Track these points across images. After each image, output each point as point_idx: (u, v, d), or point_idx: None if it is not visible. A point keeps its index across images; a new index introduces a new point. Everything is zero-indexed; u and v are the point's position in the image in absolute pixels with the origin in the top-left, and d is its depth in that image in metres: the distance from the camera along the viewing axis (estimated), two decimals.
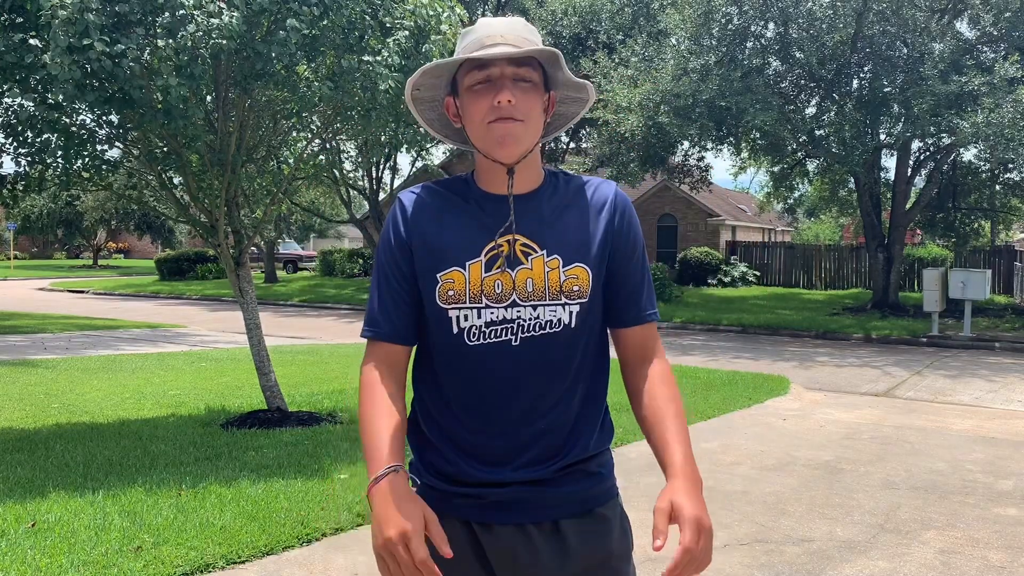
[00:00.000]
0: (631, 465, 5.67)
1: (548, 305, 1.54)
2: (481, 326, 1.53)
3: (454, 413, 1.57)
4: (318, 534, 4.22)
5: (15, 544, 3.89)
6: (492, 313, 1.53)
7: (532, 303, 1.53)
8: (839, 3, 15.77)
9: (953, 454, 6.39)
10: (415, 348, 1.64)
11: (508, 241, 1.55)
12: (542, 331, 1.54)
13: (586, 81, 1.60)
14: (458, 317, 1.53)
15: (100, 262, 45.19)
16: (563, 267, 1.55)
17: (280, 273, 34.90)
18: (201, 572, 3.72)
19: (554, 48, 1.53)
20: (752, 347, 14.01)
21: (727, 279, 26.89)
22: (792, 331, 16.05)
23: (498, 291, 1.53)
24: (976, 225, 23.09)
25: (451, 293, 1.53)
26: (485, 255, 1.54)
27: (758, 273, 28.13)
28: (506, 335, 1.53)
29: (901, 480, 5.62)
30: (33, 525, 4.15)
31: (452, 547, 1.46)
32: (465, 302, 1.53)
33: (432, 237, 1.56)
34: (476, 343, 1.53)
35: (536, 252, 1.55)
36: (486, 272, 1.53)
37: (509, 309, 1.53)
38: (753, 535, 4.47)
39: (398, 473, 1.46)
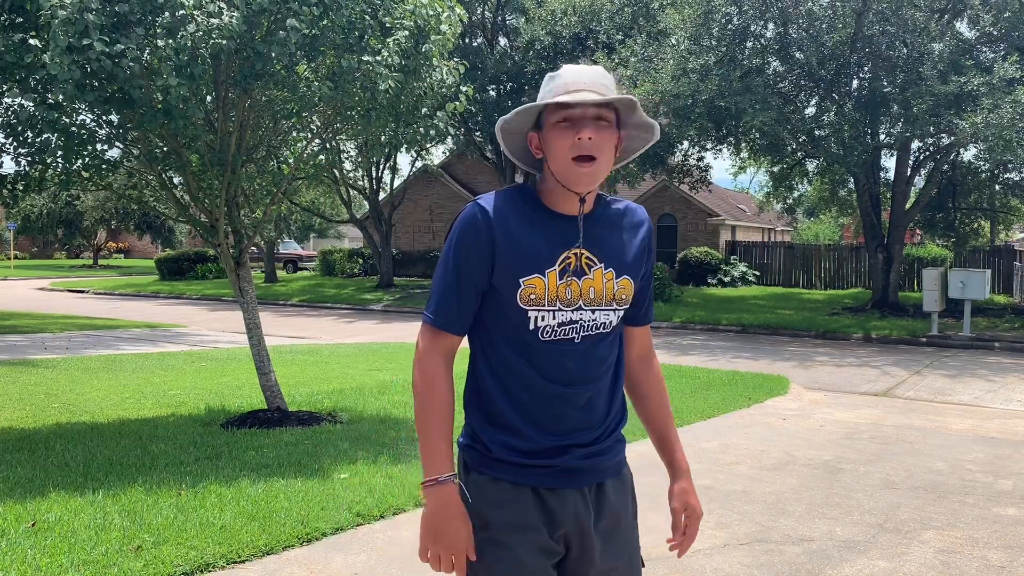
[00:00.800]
0: (631, 464, 5.67)
1: (604, 310, 1.84)
2: (554, 326, 1.81)
3: (523, 397, 1.82)
4: (318, 534, 4.22)
5: (15, 544, 3.89)
6: (563, 315, 1.81)
7: (592, 308, 1.83)
8: (839, 3, 15.78)
9: (953, 454, 6.40)
10: (480, 334, 1.88)
11: (575, 254, 1.82)
12: (597, 331, 1.84)
13: (655, 123, 1.87)
14: (536, 317, 1.80)
15: (100, 262, 45.18)
16: (616, 278, 1.85)
17: (280, 273, 34.89)
18: (201, 572, 3.73)
19: (630, 96, 1.80)
20: (752, 347, 14.01)
21: (727, 279, 26.89)
22: (792, 331, 16.05)
23: (568, 296, 1.81)
24: (976, 225, 23.10)
25: (532, 297, 1.79)
26: (559, 264, 1.80)
27: (758, 273, 28.13)
28: (571, 334, 1.82)
29: (901, 480, 5.63)
30: (33, 525, 4.15)
31: (523, 511, 1.79)
32: (543, 305, 1.80)
33: (516, 244, 1.80)
34: (548, 339, 1.81)
35: (597, 264, 1.83)
36: (560, 279, 1.80)
37: (575, 312, 1.82)
38: (753, 535, 4.47)
39: (455, 484, 1.78)
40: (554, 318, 1.80)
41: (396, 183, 30.51)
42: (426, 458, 1.79)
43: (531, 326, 1.80)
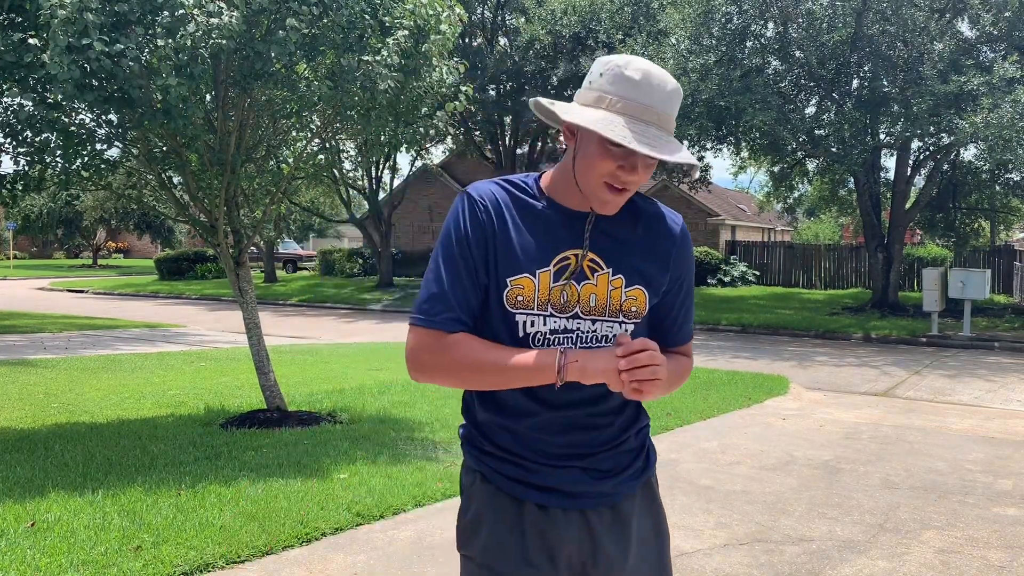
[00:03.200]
0: None
1: (606, 321, 1.62)
2: (546, 333, 1.60)
3: (514, 417, 1.64)
4: (318, 534, 4.21)
5: (14, 544, 3.88)
6: (556, 322, 1.60)
7: (592, 317, 1.61)
8: (839, 3, 15.78)
9: (953, 454, 6.39)
10: None
11: (576, 255, 1.61)
12: (598, 344, 1.61)
13: (697, 163, 1.63)
14: (524, 322, 1.60)
15: (100, 262, 45.17)
16: (625, 287, 1.62)
17: (280, 273, 34.88)
18: (201, 572, 3.72)
19: (698, 163, 1.60)
20: (752, 347, 14.01)
21: (727, 279, 26.89)
22: (792, 331, 16.05)
23: (563, 302, 1.60)
24: (976, 225, 23.09)
25: (520, 298, 1.59)
26: (554, 266, 1.60)
27: (758, 273, 28.13)
28: (567, 343, 1.60)
29: (901, 480, 5.63)
30: (32, 525, 4.15)
31: (516, 533, 1.62)
32: (532, 308, 1.59)
33: (504, 240, 1.60)
34: (540, 348, 1.59)
35: (602, 269, 1.62)
36: (554, 282, 1.59)
37: (571, 320, 1.60)
38: (753, 535, 4.47)
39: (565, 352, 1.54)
40: (545, 324, 1.59)
41: (396, 183, 30.51)
42: (529, 365, 1.53)
43: (520, 332, 1.59)
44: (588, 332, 1.61)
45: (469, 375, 1.60)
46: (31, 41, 5.39)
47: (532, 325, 1.59)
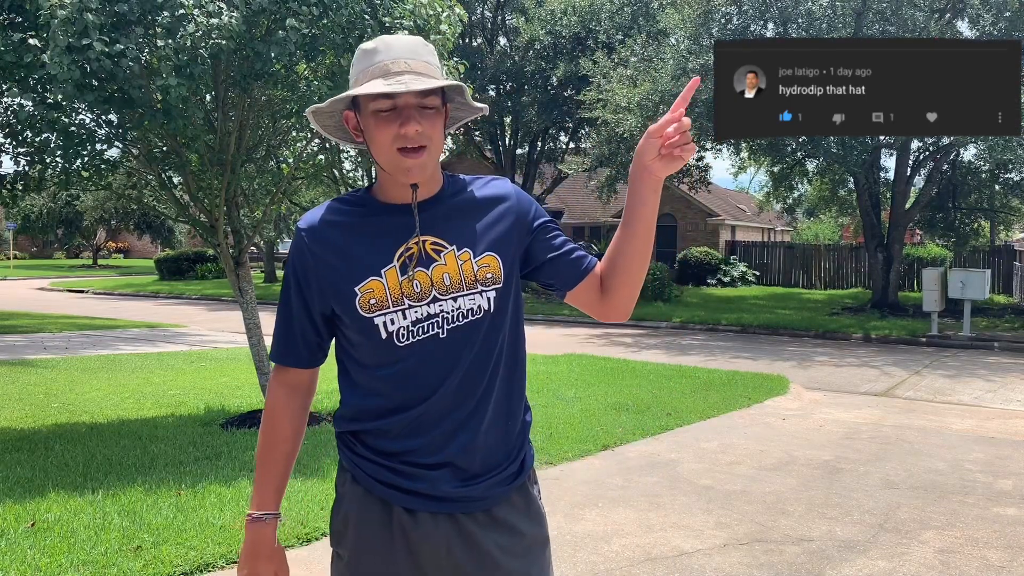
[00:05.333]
0: (631, 464, 5.67)
1: (466, 295, 1.63)
2: (408, 326, 1.61)
3: (389, 414, 1.64)
4: (318, 534, 4.21)
5: (15, 544, 3.88)
6: (416, 312, 1.61)
7: (452, 295, 1.62)
8: (839, 3, 15.78)
9: (953, 454, 6.39)
10: (341, 357, 1.72)
11: (417, 243, 1.63)
12: (466, 320, 1.63)
13: (483, 106, 1.68)
14: (384, 322, 1.61)
15: (100, 262, 45.16)
16: (475, 258, 1.64)
17: (280, 273, 34.86)
18: (201, 572, 3.72)
19: (459, 82, 1.62)
20: (751, 347, 14.01)
21: (726, 279, 26.88)
22: (791, 331, 16.04)
23: (418, 290, 1.61)
24: (976, 225, 23.07)
25: (373, 302, 1.61)
26: (398, 259, 1.62)
27: (757, 273, 28.13)
28: (433, 329, 1.61)
29: (901, 480, 5.63)
30: (32, 525, 4.15)
31: (381, 538, 1.64)
32: (388, 307, 1.61)
33: (341, 255, 1.63)
34: (407, 343, 1.61)
35: (447, 248, 1.64)
36: (402, 275, 1.61)
37: (431, 305, 1.61)
38: (753, 535, 4.47)
39: (271, 523, 1.70)
40: (405, 318, 1.60)
41: None
42: (253, 491, 1.72)
43: (382, 334, 1.60)
44: (452, 311, 1.62)
45: (261, 429, 1.76)
46: (31, 41, 5.40)
47: (392, 323, 1.61)
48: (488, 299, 1.64)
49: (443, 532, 1.63)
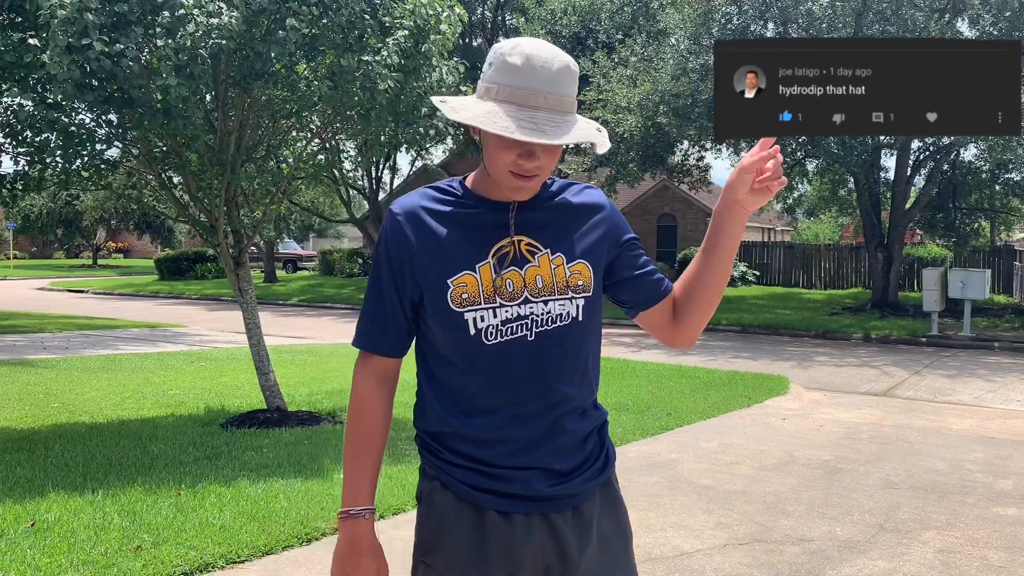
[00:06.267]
0: (631, 464, 5.67)
1: (558, 300, 1.62)
2: (498, 324, 1.60)
3: (477, 414, 1.62)
4: (318, 534, 4.21)
5: (14, 544, 3.88)
6: (507, 311, 1.60)
7: (544, 298, 1.61)
8: (839, 3, 15.78)
9: (953, 454, 6.39)
10: (423, 348, 1.70)
11: (514, 242, 1.62)
12: (554, 324, 1.62)
13: (597, 140, 1.61)
14: (474, 319, 1.59)
15: (100, 262, 45.16)
16: (567, 264, 1.63)
17: (280, 273, 34.88)
18: (201, 572, 3.72)
19: (595, 136, 1.57)
20: (751, 347, 14.01)
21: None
22: (792, 331, 16.04)
23: (510, 290, 1.60)
24: (976, 225, 23.08)
25: (464, 296, 1.59)
26: (493, 256, 1.61)
27: (758, 273, 28.12)
28: (521, 331, 1.60)
29: (901, 480, 5.63)
30: (32, 525, 4.15)
31: (475, 540, 1.61)
32: (480, 303, 1.59)
33: (435, 245, 1.61)
34: (494, 342, 1.60)
35: (541, 250, 1.63)
36: (496, 273, 1.60)
37: (522, 306, 1.60)
38: (753, 535, 4.47)
39: (369, 519, 1.67)
40: (496, 316, 1.59)
41: (396, 183, 30.50)
42: (344, 486, 1.68)
43: (471, 330, 1.59)
44: (543, 314, 1.61)
45: (348, 420, 1.72)
46: (31, 41, 5.40)
47: (482, 320, 1.59)
48: (577, 306, 1.63)
49: (537, 532, 1.62)
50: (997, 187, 20.89)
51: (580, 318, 1.64)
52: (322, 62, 6.09)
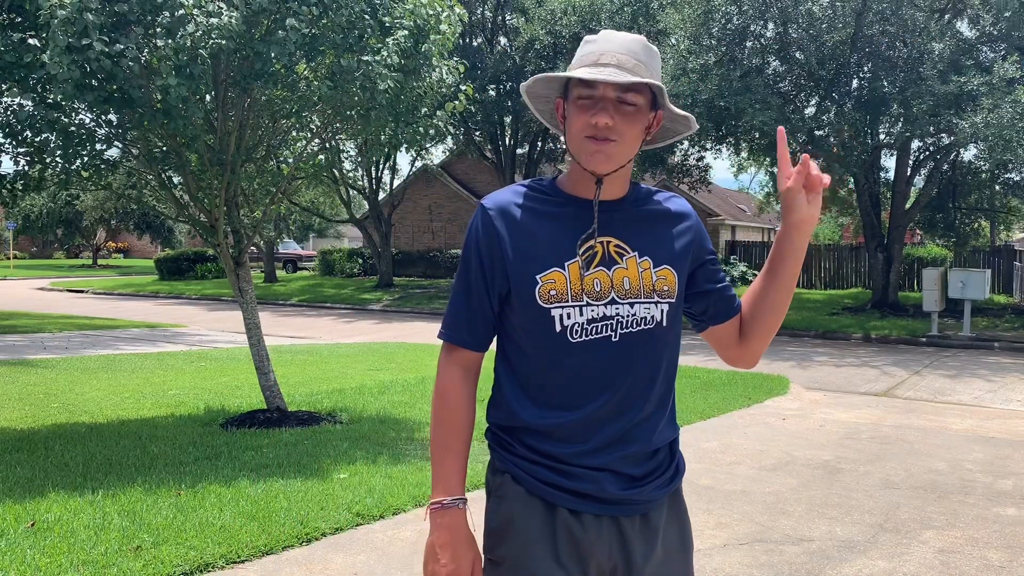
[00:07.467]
0: None
1: (643, 303, 1.64)
2: (583, 323, 1.61)
3: (553, 411, 1.63)
4: (318, 534, 4.21)
5: (14, 544, 3.88)
6: (593, 310, 1.61)
7: (630, 300, 1.63)
8: (839, 3, 15.77)
9: (953, 454, 6.39)
10: (505, 341, 1.71)
11: (603, 242, 1.64)
12: (639, 327, 1.63)
13: (688, 115, 1.68)
14: (561, 316, 1.61)
15: (100, 262, 45.16)
16: (654, 268, 1.66)
17: (280, 273, 34.88)
18: (201, 572, 3.72)
19: (659, 83, 1.60)
20: None
21: (727, 279, 26.90)
22: (791, 331, 16.04)
23: (598, 289, 1.62)
24: (976, 225, 23.08)
25: (552, 293, 1.61)
26: (582, 255, 1.62)
27: (758, 273, 28.11)
28: (606, 331, 1.62)
29: (901, 480, 5.63)
30: (32, 525, 4.15)
31: (546, 537, 1.61)
32: (567, 301, 1.61)
33: (526, 241, 1.64)
34: (579, 340, 1.61)
35: (629, 253, 1.65)
36: (585, 271, 1.62)
37: (608, 306, 1.62)
38: (753, 535, 4.47)
39: (462, 509, 1.65)
40: (582, 314, 1.61)
41: (396, 183, 30.53)
42: (433, 479, 1.67)
43: (557, 326, 1.61)
44: (628, 316, 1.62)
45: (434, 412, 1.72)
46: (31, 41, 5.40)
47: (568, 317, 1.61)
48: (662, 311, 1.65)
49: (606, 534, 1.63)
50: (997, 187, 20.88)
51: (664, 323, 1.65)
52: (322, 62, 6.10)
